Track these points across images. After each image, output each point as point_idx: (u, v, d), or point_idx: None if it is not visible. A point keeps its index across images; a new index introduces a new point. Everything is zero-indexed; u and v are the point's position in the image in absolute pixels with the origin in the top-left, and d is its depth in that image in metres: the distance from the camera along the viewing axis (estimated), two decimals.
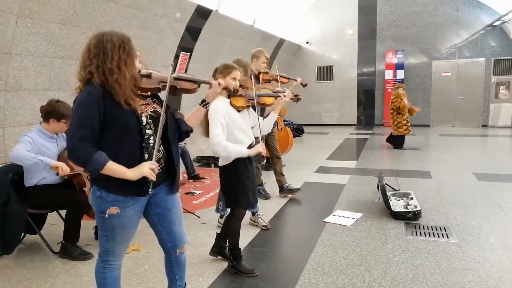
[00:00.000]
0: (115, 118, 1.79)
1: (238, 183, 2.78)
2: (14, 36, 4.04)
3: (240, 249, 2.92)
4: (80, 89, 1.84)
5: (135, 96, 1.86)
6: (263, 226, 3.85)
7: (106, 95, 1.78)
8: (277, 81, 4.52)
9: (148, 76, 1.94)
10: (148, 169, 1.81)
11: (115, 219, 1.86)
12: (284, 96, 3.08)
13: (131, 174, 1.80)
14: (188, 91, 2.10)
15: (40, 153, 3.07)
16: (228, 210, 3.00)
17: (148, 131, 1.90)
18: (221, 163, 2.83)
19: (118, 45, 1.83)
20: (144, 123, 1.88)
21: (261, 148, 2.76)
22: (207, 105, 2.19)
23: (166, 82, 1.93)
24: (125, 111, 1.80)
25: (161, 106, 1.97)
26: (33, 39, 4.28)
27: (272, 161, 4.95)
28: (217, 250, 3.11)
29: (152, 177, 1.83)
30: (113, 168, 1.77)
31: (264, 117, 3.16)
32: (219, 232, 3.15)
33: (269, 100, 3.28)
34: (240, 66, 2.97)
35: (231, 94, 2.69)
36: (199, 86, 2.13)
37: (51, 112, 3.18)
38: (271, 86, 4.06)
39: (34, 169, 3.16)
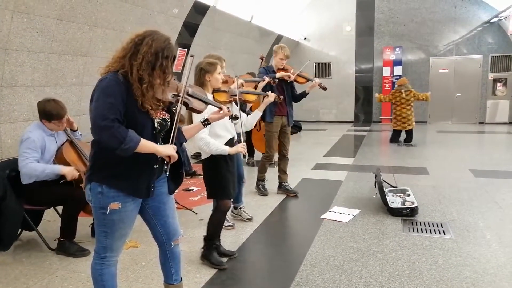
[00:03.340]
0: (133, 117, 1.79)
1: (219, 176, 2.88)
2: (10, 31, 4.01)
3: (219, 242, 3.00)
4: (107, 70, 1.81)
5: (153, 105, 1.86)
6: (246, 219, 3.88)
7: (129, 91, 1.78)
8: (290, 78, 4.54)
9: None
10: (174, 150, 1.86)
11: (116, 214, 1.87)
12: (268, 96, 3.40)
13: (162, 149, 1.84)
14: (195, 110, 2.17)
15: (43, 151, 3.10)
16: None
17: (159, 137, 1.95)
18: (203, 156, 2.94)
19: (154, 53, 1.79)
20: (157, 130, 1.92)
21: (241, 147, 2.86)
22: (208, 125, 2.29)
23: (179, 96, 1.96)
24: (142, 112, 1.82)
25: (169, 113, 2.00)
26: (29, 35, 4.24)
27: (278, 158, 4.97)
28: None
29: (174, 159, 1.88)
30: (146, 145, 1.79)
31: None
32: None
33: (251, 97, 3.52)
34: (215, 59, 3.10)
35: (214, 89, 2.84)
36: (206, 107, 2.22)
37: (40, 113, 3.18)
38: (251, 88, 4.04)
39: None
